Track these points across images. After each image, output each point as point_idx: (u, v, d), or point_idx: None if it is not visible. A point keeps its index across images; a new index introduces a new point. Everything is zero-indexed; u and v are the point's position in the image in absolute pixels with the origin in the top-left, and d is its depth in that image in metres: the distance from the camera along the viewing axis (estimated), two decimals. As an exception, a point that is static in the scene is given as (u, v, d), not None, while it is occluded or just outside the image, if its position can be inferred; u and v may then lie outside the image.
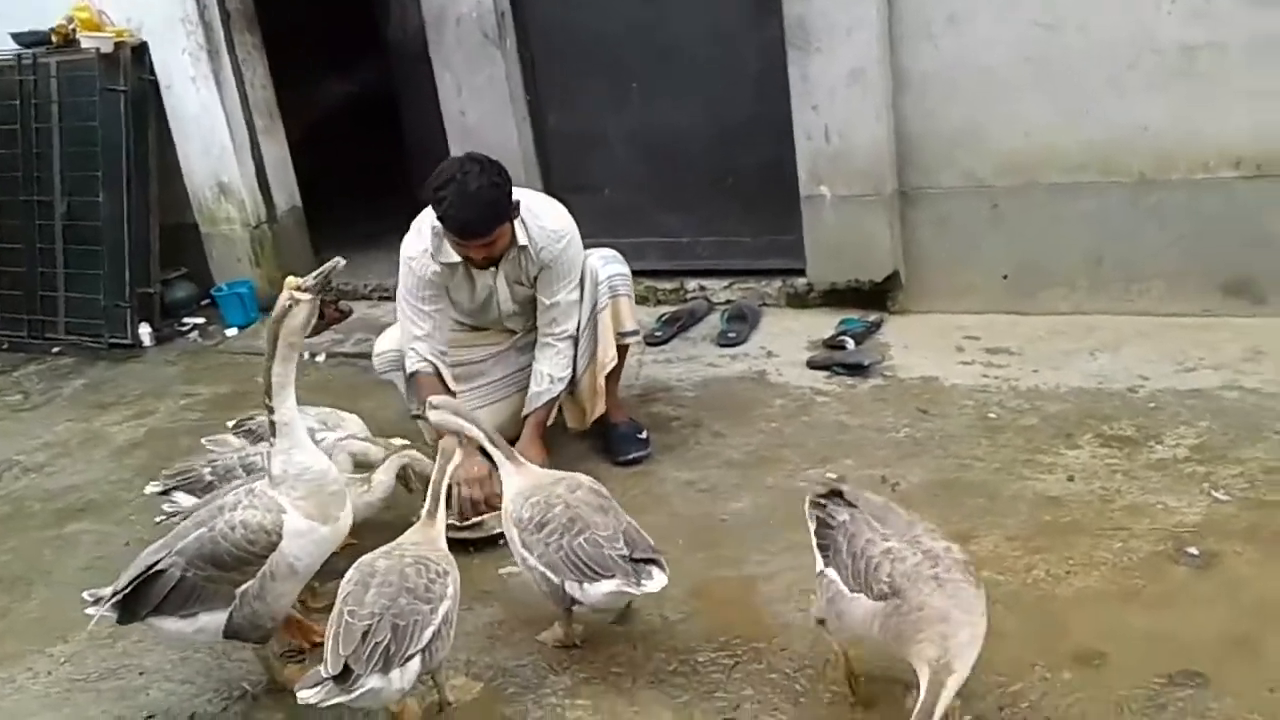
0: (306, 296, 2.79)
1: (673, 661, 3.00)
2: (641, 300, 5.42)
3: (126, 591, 2.85)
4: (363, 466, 3.60)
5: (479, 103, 5.38)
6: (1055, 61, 4.37)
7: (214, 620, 2.86)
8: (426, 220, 3.83)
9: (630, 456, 4.06)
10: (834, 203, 4.84)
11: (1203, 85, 4.20)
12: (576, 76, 5.40)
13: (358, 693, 2.53)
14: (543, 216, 3.87)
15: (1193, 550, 3.12)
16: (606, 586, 2.87)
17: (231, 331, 6.20)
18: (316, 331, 5.90)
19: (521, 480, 3.18)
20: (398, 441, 3.62)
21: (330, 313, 5.98)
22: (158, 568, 2.84)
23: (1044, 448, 3.78)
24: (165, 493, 3.54)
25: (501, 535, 3.61)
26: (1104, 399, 4.04)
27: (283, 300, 2.80)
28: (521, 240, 3.81)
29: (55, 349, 6.34)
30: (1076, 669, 2.74)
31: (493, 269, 3.87)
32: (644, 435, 4.17)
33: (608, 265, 4.03)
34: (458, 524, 3.68)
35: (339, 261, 2.87)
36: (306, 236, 6.60)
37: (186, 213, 6.41)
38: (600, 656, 3.07)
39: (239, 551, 2.81)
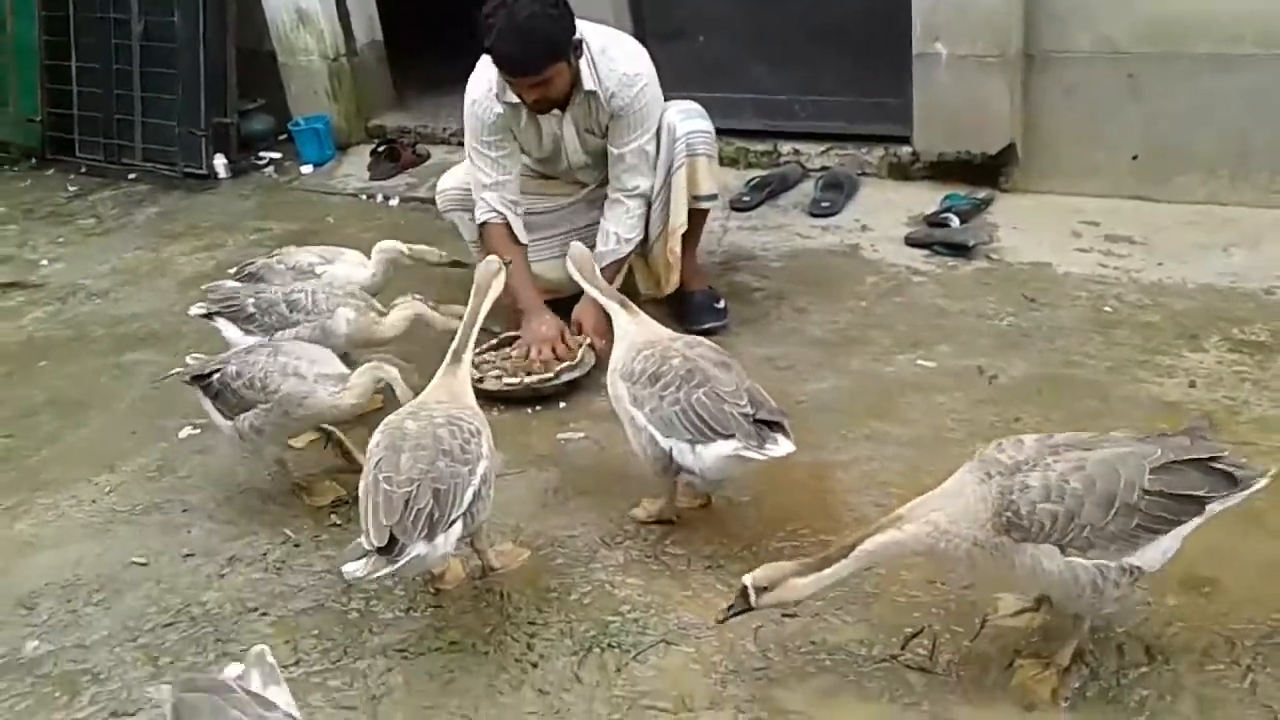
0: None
1: (733, 547, 2.80)
2: (731, 162, 5.10)
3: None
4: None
5: (570, -67, 4.96)
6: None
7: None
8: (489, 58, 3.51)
9: (705, 326, 3.78)
10: (950, 62, 4.38)
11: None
12: (675, -91, 4.96)
13: (403, 562, 2.35)
14: (616, 59, 3.53)
15: (1327, 473, 2.78)
16: (724, 448, 2.58)
17: (307, 168, 6.00)
18: (391, 175, 5.70)
19: (637, 333, 2.90)
20: (456, 308, 3.34)
21: (406, 156, 5.74)
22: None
23: (1164, 348, 3.43)
24: (208, 316, 3.46)
25: (568, 384, 3.46)
26: (1236, 299, 3.65)
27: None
28: (589, 85, 3.48)
29: (131, 175, 6.22)
30: (1185, 596, 2.47)
31: (558, 114, 3.56)
32: (721, 305, 3.89)
33: (688, 120, 3.68)
34: (504, 376, 3.51)
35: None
36: (387, 73, 6.33)
37: (265, 40, 6.15)
38: (656, 535, 2.87)
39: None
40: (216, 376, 3.01)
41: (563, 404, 3.53)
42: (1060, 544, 2.11)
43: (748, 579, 2.23)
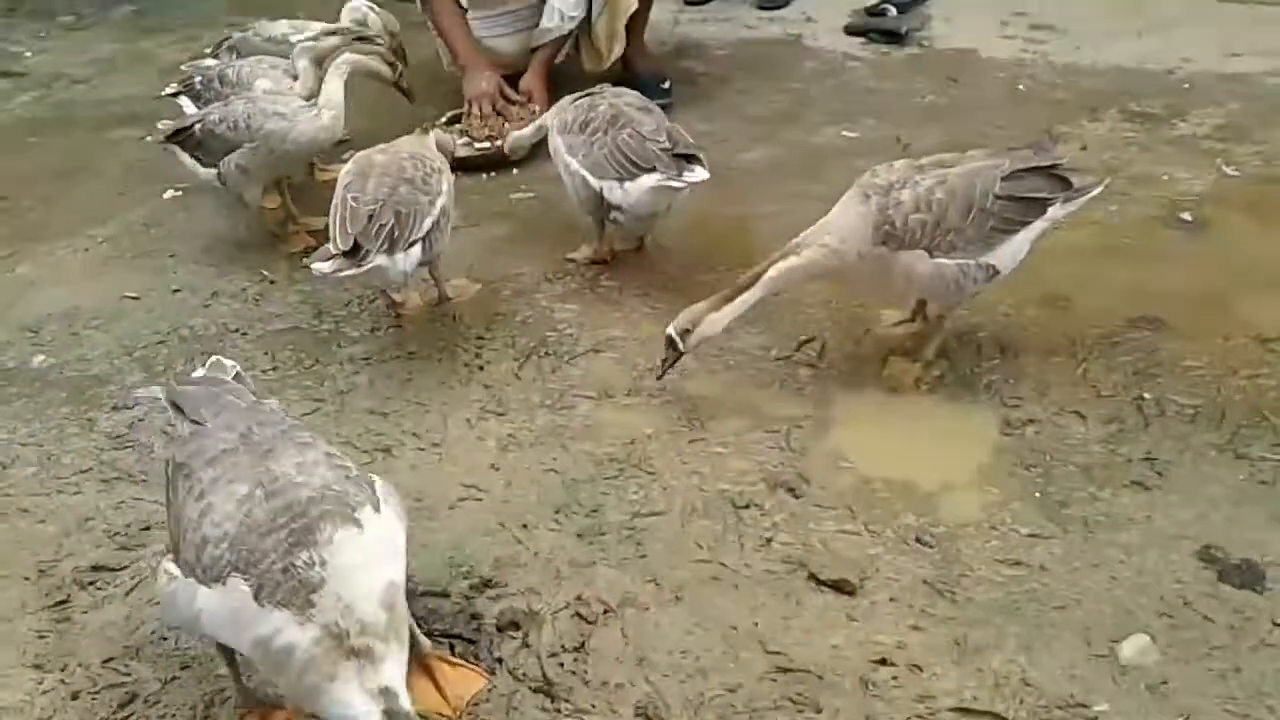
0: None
1: (661, 280, 3.16)
2: (688, -44, 5.29)
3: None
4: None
5: None
6: None
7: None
8: None
9: (651, 103, 4.06)
10: None
11: None
12: None
13: (366, 268, 2.70)
14: None
15: (1187, 216, 3.15)
16: (648, 181, 2.89)
17: (279, -29, 6.12)
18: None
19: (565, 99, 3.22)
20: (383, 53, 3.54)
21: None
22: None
23: (1066, 119, 3.75)
24: (175, 95, 3.76)
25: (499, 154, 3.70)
26: (1140, 78, 3.95)
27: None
28: None
29: (106, -25, 6.34)
30: (1042, 309, 2.85)
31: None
32: (666, 85, 4.17)
33: (632, -99, 3.89)
34: (475, 143, 3.78)
35: None
36: None
37: None
38: (593, 272, 3.23)
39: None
40: (198, 127, 3.30)
41: (515, 170, 3.84)
42: (929, 248, 2.47)
43: (670, 329, 2.56)
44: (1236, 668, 1.90)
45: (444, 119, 3.88)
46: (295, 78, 3.61)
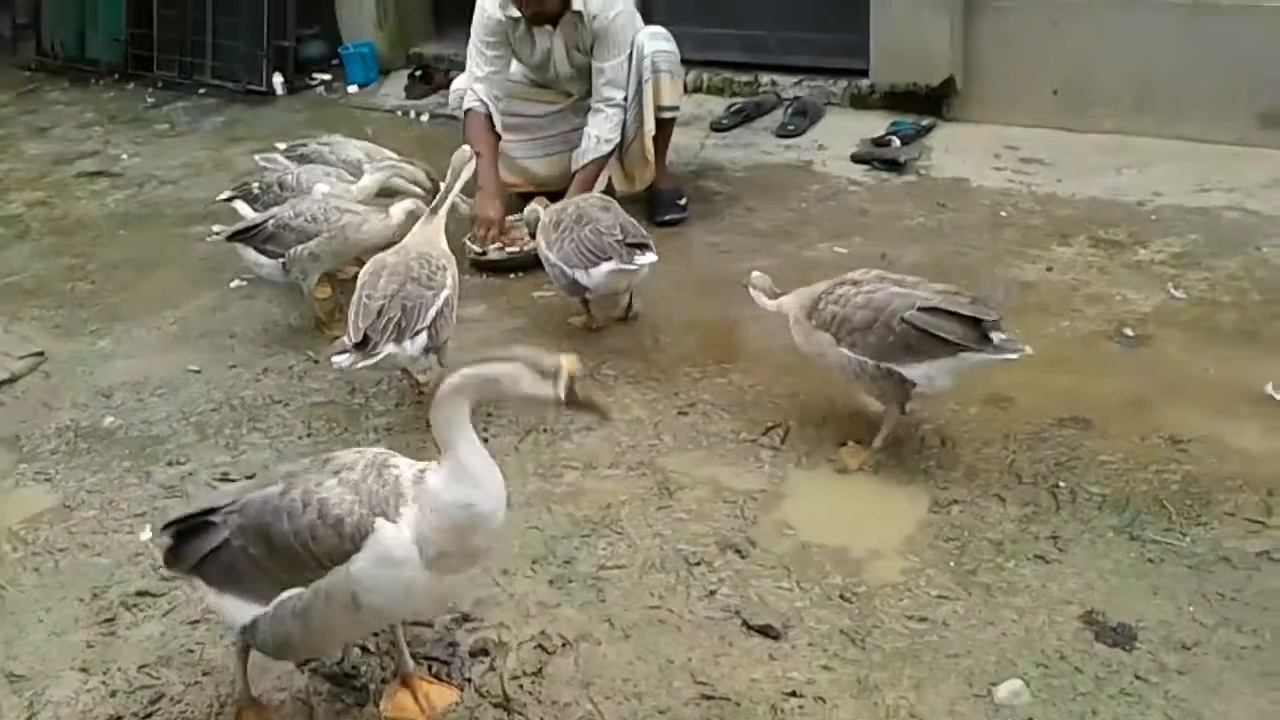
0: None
1: (653, 370, 3.55)
2: (717, 91, 5.83)
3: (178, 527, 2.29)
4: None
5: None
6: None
7: (242, 609, 2.17)
8: (500, -27, 4.28)
9: (667, 218, 4.54)
10: (901, 5, 5.06)
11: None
12: None
13: (378, 357, 3.15)
14: (600, -13, 4.27)
15: (1129, 333, 3.48)
16: (605, 267, 3.48)
17: (353, 89, 6.80)
18: (425, 95, 6.47)
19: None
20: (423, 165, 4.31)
21: (439, 79, 6.51)
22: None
23: (1038, 243, 4.11)
24: (230, 199, 4.28)
25: (529, 257, 4.15)
26: (1111, 209, 4.31)
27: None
28: (577, 5, 4.22)
29: (201, 90, 7.06)
30: (985, 407, 3.18)
31: (550, 30, 4.31)
32: (683, 202, 4.63)
33: (654, 41, 4.41)
34: (479, 252, 4.26)
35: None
36: (429, 6, 7.09)
37: (323, -24, 6.95)
38: (595, 360, 3.62)
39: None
40: (271, 222, 3.80)
41: (539, 273, 4.29)
42: (835, 336, 2.91)
43: (754, 276, 3.29)
44: (1095, 710, 2.18)
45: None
46: (352, 183, 4.17)
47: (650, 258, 3.47)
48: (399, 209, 3.88)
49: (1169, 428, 2.99)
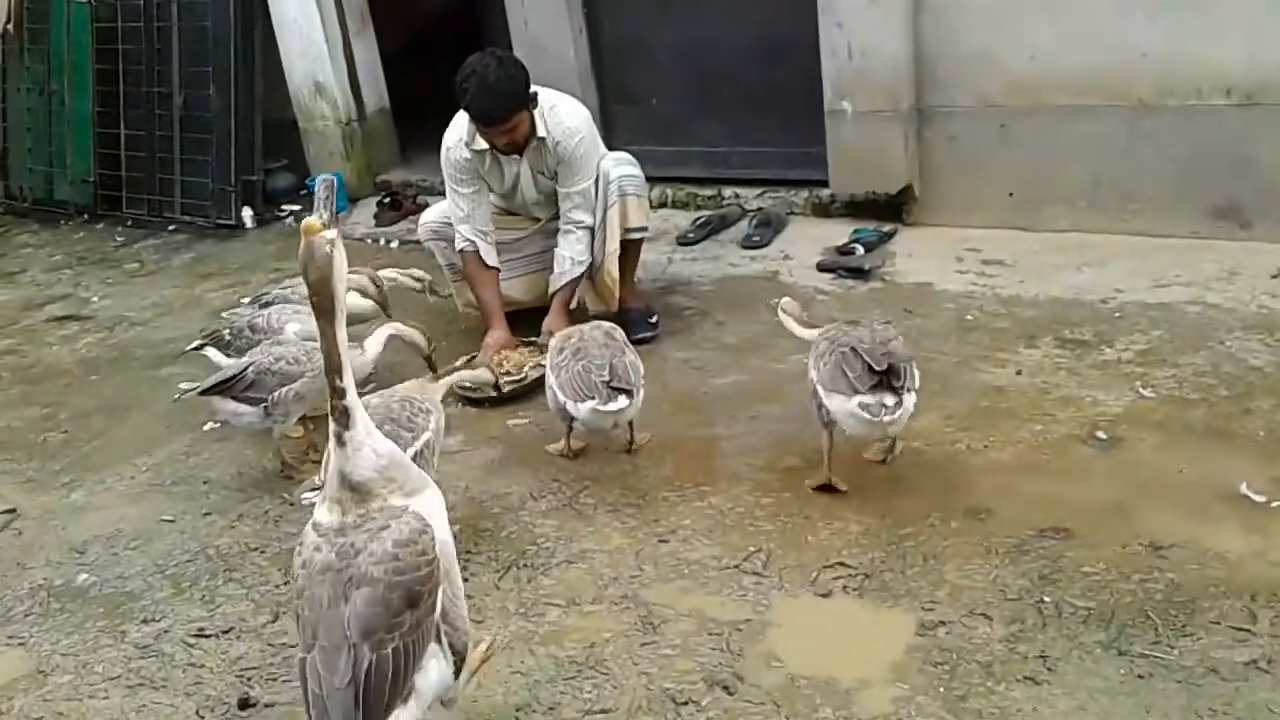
0: (330, 232, 2.20)
1: (631, 496, 3.54)
2: (682, 205, 5.93)
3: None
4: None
5: (540, 15, 5.84)
6: (1062, -13, 4.63)
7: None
8: (462, 114, 4.36)
9: (638, 336, 4.54)
10: (855, 117, 5.18)
11: (1200, 14, 4.41)
12: (630, -9, 5.83)
13: None
14: (562, 114, 4.36)
15: (1102, 434, 3.50)
16: (588, 405, 3.53)
17: (322, 218, 6.86)
18: (394, 222, 6.55)
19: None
20: (417, 272, 4.50)
21: (407, 206, 6.59)
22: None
23: (1006, 346, 4.15)
24: (199, 348, 4.31)
25: (535, 383, 4.20)
26: (1075, 308, 4.37)
27: (319, 249, 2.16)
28: (541, 132, 4.31)
29: (170, 226, 7.12)
30: (964, 520, 3.18)
31: (518, 157, 4.39)
32: (654, 320, 4.67)
33: (619, 166, 4.50)
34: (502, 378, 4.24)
35: (331, 180, 2.55)
36: (394, 136, 7.22)
37: (288, 110, 7.06)
38: (573, 489, 3.62)
39: None
40: (250, 369, 3.77)
41: (516, 400, 4.30)
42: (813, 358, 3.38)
43: (784, 302, 3.78)
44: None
45: (461, 361, 4.35)
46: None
47: (623, 403, 3.49)
48: (374, 341, 3.88)
49: (1148, 533, 2.99)
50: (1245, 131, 4.47)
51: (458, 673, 2.34)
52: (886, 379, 3.13)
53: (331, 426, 2.23)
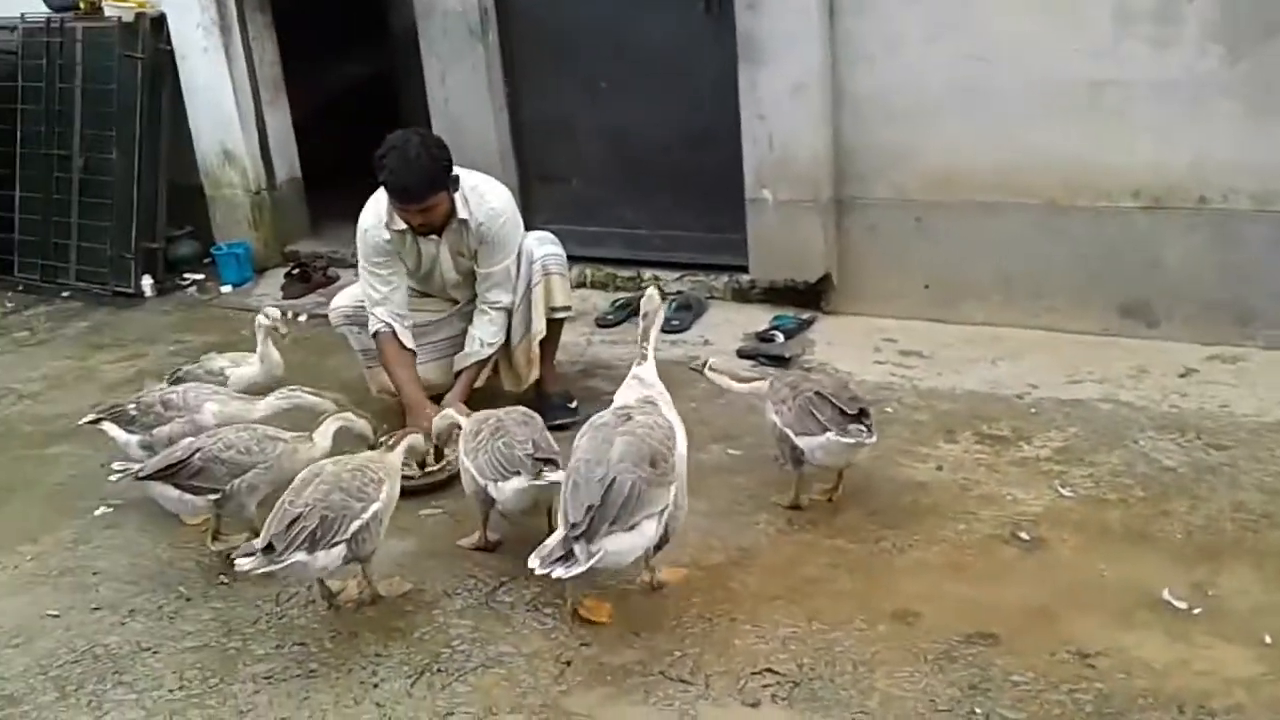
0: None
1: (550, 594, 3.40)
2: (600, 286, 5.88)
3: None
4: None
5: (461, 91, 5.80)
6: (979, 90, 4.74)
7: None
8: (381, 193, 4.25)
9: (557, 422, 4.43)
10: (775, 206, 5.22)
11: (1110, 119, 4.56)
12: (552, 73, 5.80)
13: (284, 564, 3.07)
14: (485, 195, 4.29)
15: (1024, 535, 3.50)
16: (515, 483, 3.40)
17: (226, 288, 6.65)
18: (302, 294, 6.36)
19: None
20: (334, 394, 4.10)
21: (317, 278, 6.43)
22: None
23: (926, 441, 4.16)
24: (95, 422, 4.10)
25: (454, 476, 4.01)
26: (992, 402, 4.41)
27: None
28: (463, 214, 4.23)
29: (64, 293, 6.80)
30: (891, 624, 3.13)
31: (436, 238, 4.29)
32: (573, 405, 4.57)
33: (542, 245, 4.44)
34: (415, 475, 4.06)
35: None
36: (304, 206, 7.04)
37: (194, 176, 6.85)
38: (489, 585, 3.49)
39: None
40: (198, 455, 3.57)
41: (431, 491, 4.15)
42: (775, 406, 3.68)
43: (712, 361, 4.10)
44: None
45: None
46: (240, 401, 4.03)
47: (559, 474, 3.31)
48: (322, 434, 3.78)
49: (1075, 641, 2.98)
50: (1152, 233, 4.61)
51: (658, 549, 3.24)
52: (858, 418, 3.53)
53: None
